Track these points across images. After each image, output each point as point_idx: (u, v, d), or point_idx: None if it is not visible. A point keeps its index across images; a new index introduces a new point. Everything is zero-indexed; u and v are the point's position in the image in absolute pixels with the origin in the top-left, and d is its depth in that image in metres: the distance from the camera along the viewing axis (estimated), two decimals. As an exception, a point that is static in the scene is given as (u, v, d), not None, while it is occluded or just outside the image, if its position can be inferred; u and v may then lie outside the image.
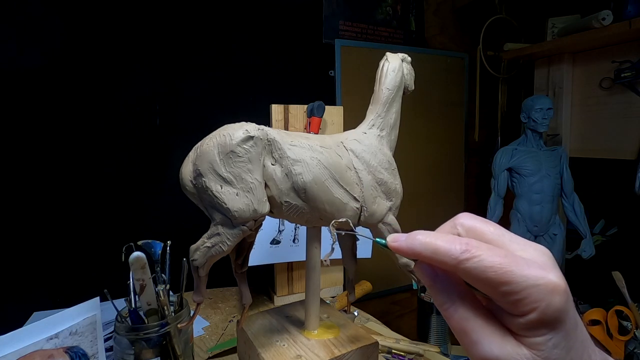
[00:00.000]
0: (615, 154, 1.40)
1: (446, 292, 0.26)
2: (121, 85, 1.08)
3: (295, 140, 0.56)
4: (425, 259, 0.25)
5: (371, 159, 0.60)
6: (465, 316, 0.25)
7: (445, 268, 0.25)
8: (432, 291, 0.26)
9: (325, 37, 1.37)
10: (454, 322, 0.25)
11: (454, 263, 0.23)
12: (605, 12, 1.23)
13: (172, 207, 1.16)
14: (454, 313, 0.25)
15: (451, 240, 0.24)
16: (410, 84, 0.71)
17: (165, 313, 0.60)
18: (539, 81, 1.61)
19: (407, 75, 0.69)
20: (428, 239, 0.25)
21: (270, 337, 0.65)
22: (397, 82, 0.66)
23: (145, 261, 0.57)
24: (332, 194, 0.56)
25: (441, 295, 0.26)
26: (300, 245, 0.97)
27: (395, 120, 0.66)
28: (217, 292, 1.08)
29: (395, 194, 0.62)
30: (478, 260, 0.23)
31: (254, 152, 0.52)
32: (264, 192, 0.53)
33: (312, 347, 0.61)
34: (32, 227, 1.00)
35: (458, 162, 1.75)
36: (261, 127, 0.54)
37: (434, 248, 0.24)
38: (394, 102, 0.66)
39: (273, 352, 0.60)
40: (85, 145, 1.05)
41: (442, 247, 0.24)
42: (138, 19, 1.09)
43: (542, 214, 1.41)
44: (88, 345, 0.57)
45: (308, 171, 0.54)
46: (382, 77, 0.66)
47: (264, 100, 0.99)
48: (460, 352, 1.26)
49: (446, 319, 0.26)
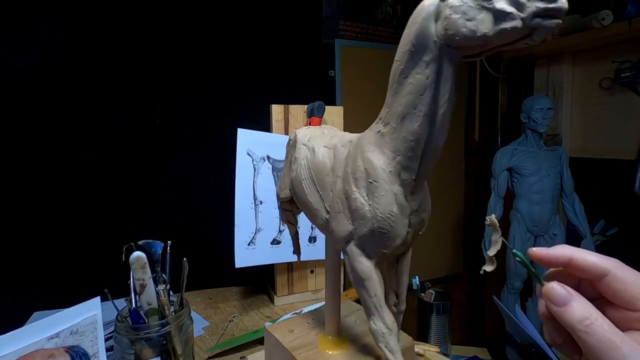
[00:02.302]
0: (615, 154, 1.40)
1: (588, 307, 0.26)
2: (121, 86, 1.08)
3: (311, 139, 0.57)
4: (575, 264, 0.27)
5: (350, 162, 0.45)
6: (613, 330, 0.25)
7: (587, 277, 0.27)
8: (571, 309, 0.26)
9: (325, 37, 1.37)
10: (599, 337, 0.24)
11: (609, 266, 0.26)
12: (605, 12, 1.23)
13: (172, 207, 1.16)
14: (601, 328, 0.25)
15: (598, 255, 0.27)
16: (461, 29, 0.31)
17: (165, 313, 0.60)
18: (539, 81, 1.61)
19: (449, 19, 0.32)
20: (576, 248, 0.28)
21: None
22: (410, 43, 0.36)
23: (146, 261, 0.57)
24: (306, 196, 0.52)
25: (582, 311, 0.26)
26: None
27: (408, 107, 0.37)
28: (217, 292, 1.09)
29: (358, 217, 0.42)
30: (627, 268, 0.26)
31: (287, 149, 0.61)
32: (286, 182, 0.59)
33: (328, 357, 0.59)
34: (32, 227, 1.00)
35: (458, 162, 1.75)
36: (300, 129, 0.59)
37: (586, 253, 0.27)
38: (406, 77, 0.37)
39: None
40: (85, 145, 1.05)
41: (593, 255, 0.27)
42: (138, 19, 1.09)
43: (542, 214, 1.41)
44: (89, 345, 0.57)
45: (297, 170, 0.55)
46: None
47: (264, 100, 0.99)
48: (460, 352, 1.26)
49: (586, 336, 0.25)
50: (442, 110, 0.37)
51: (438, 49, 0.34)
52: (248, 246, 0.90)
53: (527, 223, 1.43)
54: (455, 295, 1.77)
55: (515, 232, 1.45)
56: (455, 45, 0.33)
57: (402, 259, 0.48)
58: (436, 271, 1.76)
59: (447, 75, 0.35)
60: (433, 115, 0.37)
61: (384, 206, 0.41)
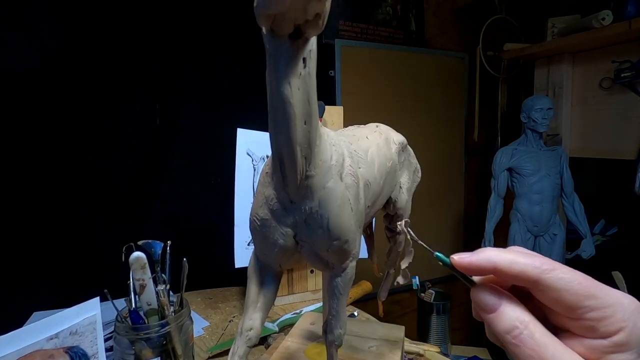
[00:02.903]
0: (615, 154, 1.40)
1: (516, 315, 0.23)
2: (121, 85, 1.08)
3: None
4: (500, 270, 0.23)
5: None
6: (543, 342, 0.22)
7: (517, 282, 0.24)
8: (498, 317, 0.23)
9: (325, 37, 1.37)
10: (528, 349, 0.22)
11: (537, 272, 0.22)
12: (605, 12, 1.23)
13: (172, 207, 1.16)
14: (530, 339, 0.22)
15: (528, 254, 0.23)
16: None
17: (165, 313, 0.60)
18: (539, 81, 1.61)
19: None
20: (503, 252, 0.24)
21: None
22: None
23: (146, 261, 0.57)
24: None
25: (510, 319, 0.23)
26: (300, 245, 0.98)
27: (268, 104, 0.34)
28: (217, 292, 1.08)
29: None
30: (561, 272, 0.22)
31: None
32: None
33: None
34: (32, 227, 1.00)
35: (458, 162, 1.75)
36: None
37: (511, 259, 0.23)
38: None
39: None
40: (85, 145, 1.05)
41: (522, 260, 0.23)
42: (138, 19, 1.09)
43: (542, 214, 1.41)
44: (88, 345, 0.57)
45: None
46: None
47: (264, 100, 0.98)
48: (461, 352, 1.26)
49: (515, 348, 0.22)
50: (272, 105, 0.33)
51: (265, 37, 0.31)
52: (248, 246, 0.90)
53: (527, 223, 1.43)
54: (455, 295, 1.77)
55: (515, 232, 1.45)
56: (266, 28, 0.30)
57: (329, 282, 0.44)
58: (436, 271, 1.76)
59: (274, 65, 0.31)
60: (271, 111, 0.33)
61: (254, 208, 0.40)
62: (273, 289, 0.44)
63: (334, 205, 0.37)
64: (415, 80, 1.57)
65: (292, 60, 0.30)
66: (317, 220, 0.37)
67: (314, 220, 0.37)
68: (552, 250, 1.43)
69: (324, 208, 0.37)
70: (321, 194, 0.37)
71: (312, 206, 0.37)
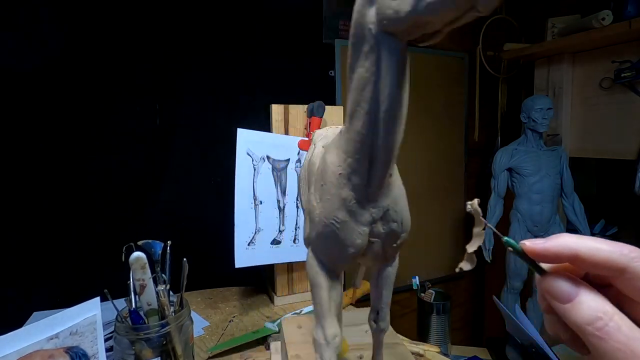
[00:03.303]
0: (615, 154, 1.40)
1: (599, 305, 0.21)
2: (121, 86, 1.08)
3: (320, 140, 0.55)
4: (581, 258, 0.22)
5: (319, 163, 0.44)
6: (632, 335, 0.20)
7: (599, 271, 0.22)
8: (576, 306, 0.22)
9: (325, 37, 1.37)
10: (615, 342, 0.20)
11: (625, 261, 0.20)
12: (605, 12, 1.23)
13: (172, 207, 1.16)
14: (616, 331, 0.20)
15: (610, 242, 0.21)
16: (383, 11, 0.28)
17: (165, 313, 0.60)
18: (539, 81, 1.61)
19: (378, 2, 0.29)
20: (583, 239, 0.22)
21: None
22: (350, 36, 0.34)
23: (146, 261, 0.57)
24: (301, 196, 0.53)
25: (592, 308, 0.21)
26: (300, 245, 0.97)
27: (353, 105, 0.33)
28: (217, 292, 1.08)
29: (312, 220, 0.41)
30: None
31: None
32: None
33: None
34: (32, 228, 1.00)
35: (458, 162, 1.75)
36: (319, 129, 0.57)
37: (596, 246, 0.21)
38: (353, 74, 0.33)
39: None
40: (85, 145, 1.05)
41: (606, 247, 0.21)
42: (138, 19, 1.09)
43: (542, 214, 1.41)
44: (88, 345, 0.57)
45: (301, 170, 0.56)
46: None
47: (264, 100, 0.99)
48: (460, 352, 1.25)
49: (598, 341, 0.20)
50: (383, 108, 0.31)
51: (374, 37, 0.30)
52: (248, 246, 0.90)
53: (527, 223, 1.43)
54: (456, 295, 1.77)
55: (515, 232, 1.45)
56: (390, 31, 0.28)
57: (381, 272, 0.45)
58: (436, 271, 1.76)
59: (388, 68, 0.30)
60: (376, 113, 0.32)
61: (328, 210, 0.38)
62: (339, 290, 0.44)
63: (403, 199, 0.40)
64: (415, 80, 1.57)
65: (403, 63, 0.31)
66: (393, 215, 0.39)
67: (391, 216, 0.39)
68: (552, 250, 1.43)
69: (398, 204, 0.39)
70: (396, 191, 0.39)
71: (389, 203, 0.38)
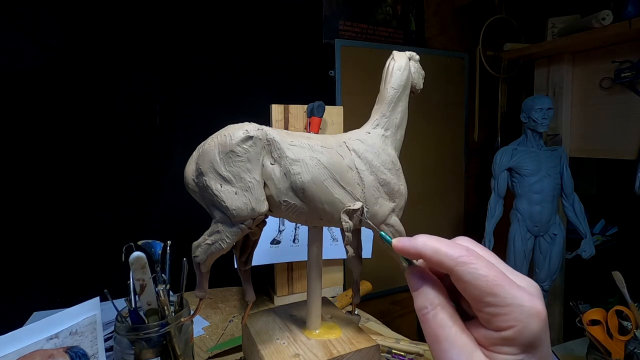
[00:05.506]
0: (615, 154, 1.39)
1: (430, 297, 0.26)
2: (121, 86, 1.08)
3: (295, 140, 0.56)
4: (424, 257, 0.26)
5: (374, 159, 0.59)
6: (442, 324, 0.25)
7: (439, 270, 0.26)
8: (417, 296, 0.27)
9: (325, 37, 1.37)
10: (429, 328, 0.26)
11: (452, 264, 0.25)
12: (605, 12, 1.23)
13: (172, 207, 1.16)
14: (432, 319, 0.26)
15: (452, 245, 0.26)
16: (419, 83, 0.69)
17: (165, 313, 0.60)
18: (539, 81, 1.61)
19: (415, 74, 0.68)
20: (431, 240, 0.26)
21: (272, 334, 0.65)
22: (403, 81, 0.65)
23: (145, 261, 0.57)
24: (332, 194, 0.55)
25: (424, 299, 0.27)
26: (300, 245, 0.97)
27: (401, 120, 0.65)
28: (217, 292, 1.08)
29: (398, 195, 0.61)
30: (474, 267, 0.24)
31: (252, 151, 0.52)
32: (263, 192, 0.54)
33: (311, 346, 0.61)
34: (32, 227, 1.00)
35: (458, 162, 1.75)
36: (261, 127, 0.54)
37: (436, 248, 0.25)
38: (400, 101, 0.65)
39: (272, 350, 0.61)
40: (85, 145, 1.05)
41: (443, 249, 0.25)
42: (138, 19, 1.09)
43: (542, 214, 1.41)
44: (88, 345, 0.57)
45: (307, 171, 0.54)
46: (388, 76, 0.66)
47: (264, 100, 0.99)
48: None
49: (423, 324, 0.26)
50: (405, 124, 0.67)
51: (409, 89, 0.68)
52: (248, 246, 0.90)
53: (527, 223, 1.43)
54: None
55: (515, 232, 1.45)
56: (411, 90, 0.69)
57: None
58: (436, 271, 1.76)
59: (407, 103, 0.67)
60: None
61: (405, 183, 0.63)
62: None
63: None
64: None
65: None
66: None
67: None
68: (552, 250, 1.43)
69: None
70: None
71: None
